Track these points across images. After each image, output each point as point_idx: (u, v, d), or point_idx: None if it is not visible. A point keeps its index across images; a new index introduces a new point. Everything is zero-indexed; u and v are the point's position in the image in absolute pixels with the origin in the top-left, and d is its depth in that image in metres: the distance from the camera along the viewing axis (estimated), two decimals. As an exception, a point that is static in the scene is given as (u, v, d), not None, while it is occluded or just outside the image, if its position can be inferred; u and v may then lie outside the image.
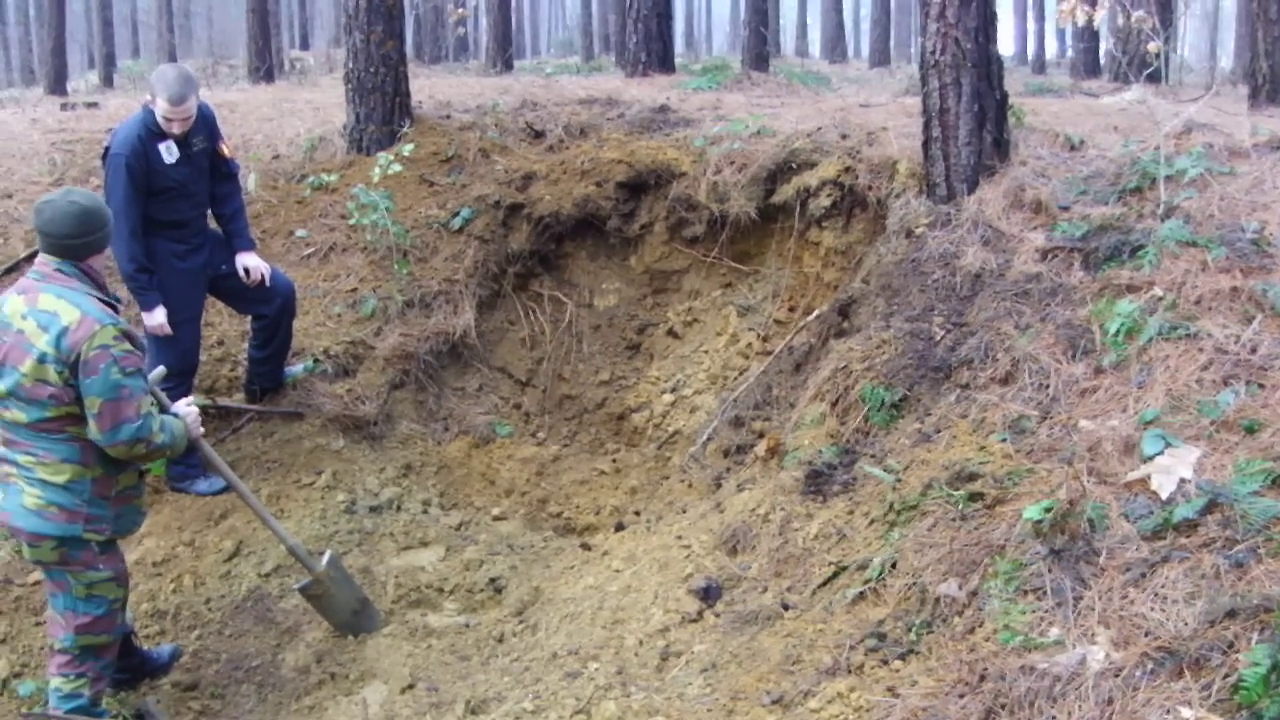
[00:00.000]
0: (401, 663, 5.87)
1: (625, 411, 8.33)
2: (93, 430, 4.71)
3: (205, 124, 6.84)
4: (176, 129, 6.57)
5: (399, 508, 7.23)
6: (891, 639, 4.61)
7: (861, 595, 4.93)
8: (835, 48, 33.75)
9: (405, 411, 7.99)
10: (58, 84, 22.00)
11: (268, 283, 7.17)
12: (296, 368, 7.69)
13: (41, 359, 4.66)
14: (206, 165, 6.93)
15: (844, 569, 5.15)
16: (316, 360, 7.82)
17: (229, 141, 7.28)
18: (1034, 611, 4.27)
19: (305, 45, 36.25)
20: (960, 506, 4.95)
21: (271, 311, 7.23)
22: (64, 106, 13.99)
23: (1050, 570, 4.39)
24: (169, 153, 6.61)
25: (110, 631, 5.16)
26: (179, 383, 6.83)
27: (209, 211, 7.12)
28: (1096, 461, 4.86)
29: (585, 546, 6.88)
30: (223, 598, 6.49)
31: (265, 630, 6.28)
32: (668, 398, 8.16)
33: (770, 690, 4.63)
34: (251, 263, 7.13)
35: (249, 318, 7.43)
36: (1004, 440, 5.26)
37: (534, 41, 52.26)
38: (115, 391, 4.68)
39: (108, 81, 27.08)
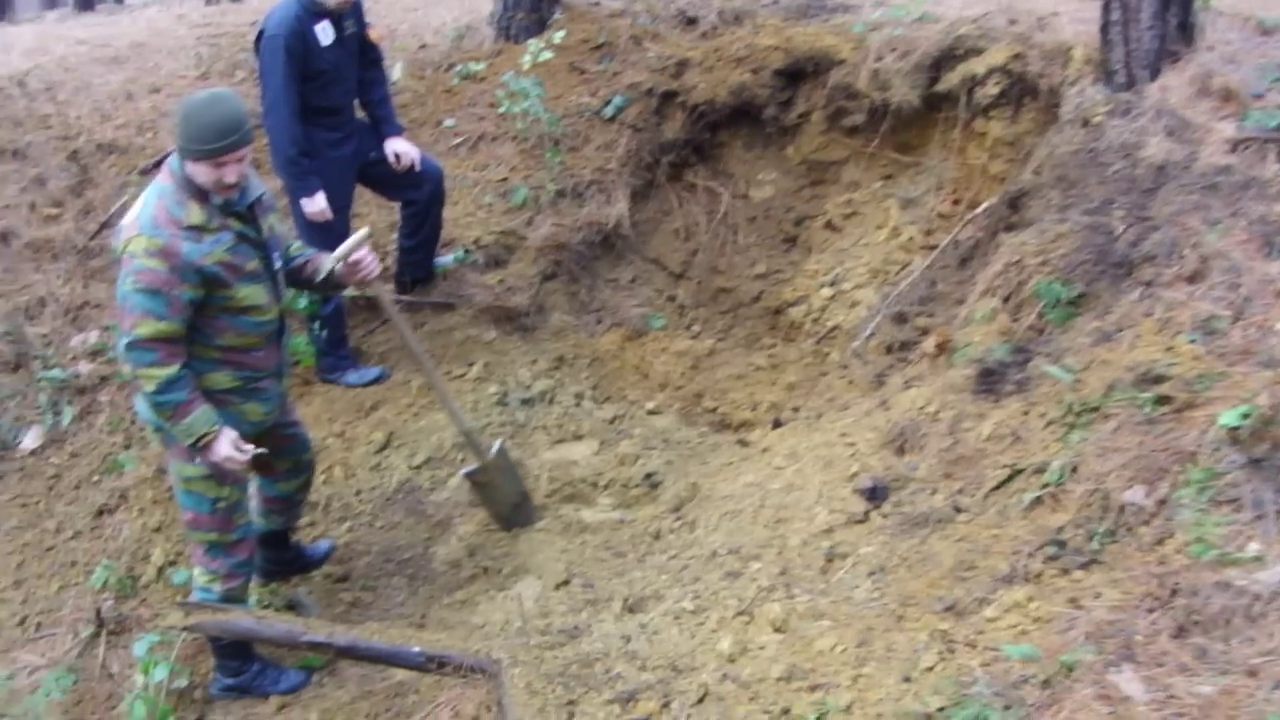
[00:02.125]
0: (555, 558, 5.81)
1: (782, 305, 8.11)
2: None
3: (356, 6, 6.75)
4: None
5: (551, 400, 7.14)
6: (1072, 547, 4.39)
7: (1039, 500, 4.71)
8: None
9: (557, 303, 7.88)
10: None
11: (417, 167, 7.07)
12: (447, 258, 7.60)
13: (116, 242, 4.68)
14: (357, 50, 6.84)
15: (1019, 472, 4.92)
16: (468, 250, 7.73)
17: (374, 28, 7.16)
18: (1230, 524, 4.03)
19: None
20: (1146, 410, 4.68)
21: (422, 197, 7.14)
22: (208, 1, 13.99)
23: (1248, 480, 4.13)
24: (325, 34, 6.51)
25: (221, 531, 5.05)
26: (337, 301, 6.84)
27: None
28: (1298, 366, 4.57)
29: (742, 443, 6.73)
30: (373, 489, 6.48)
31: (416, 523, 6.26)
32: (826, 292, 7.91)
33: (942, 597, 4.46)
34: (401, 147, 7.05)
35: (398, 206, 7.34)
36: (1193, 341, 4.95)
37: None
38: (123, 299, 4.53)
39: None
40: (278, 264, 4.99)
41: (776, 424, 6.89)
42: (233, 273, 4.67)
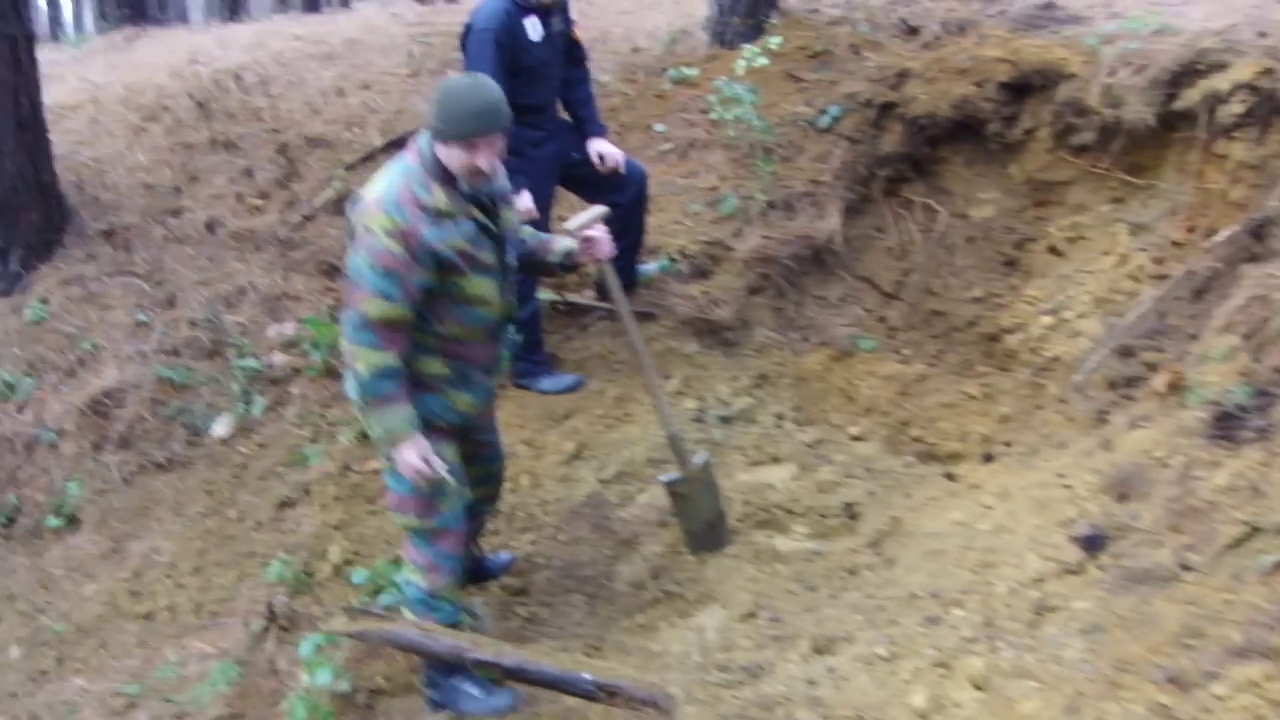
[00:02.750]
0: (743, 587, 5.55)
1: (998, 332, 7.69)
2: None
3: (564, 3, 6.69)
4: None
5: (751, 420, 6.89)
6: (1318, 620, 3.97)
7: (1280, 565, 4.28)
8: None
9: (762, 318, 7.63)
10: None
11: (621, 170, 6.93)
12: (650, 266, 7.41)
13: (351, 214, 4.57)
14: (563, 48, 6.75)
15: (1258, 531, 4.47)
16: (672, 259, 7.55)
17: (579, 26, 7.04)
18: None
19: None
20: None
21: (625, 200, 6.97)
22: (423, 1, 14.16)
23: None
24: (534, 30, 6.43)
25: (421, 515, 4.86)
26: (525, 276, 6.68)
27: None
28: None
29: (950, 476, 6.38)
30: (559, 501, 6.32)
31: (601, 539, 6.07)
32: (1046, 320, 7.48)
33: (1164, 665, 4.07)
34: (605, 148, 6.91)
35: None
36: None
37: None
38: (356, 274, 4.42)
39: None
40: (510, 259, 4.87)
41: (987, 458, 6.52)
42: (468, 262, 4.55)
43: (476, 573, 5.81)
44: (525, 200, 6.48)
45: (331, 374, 7.17)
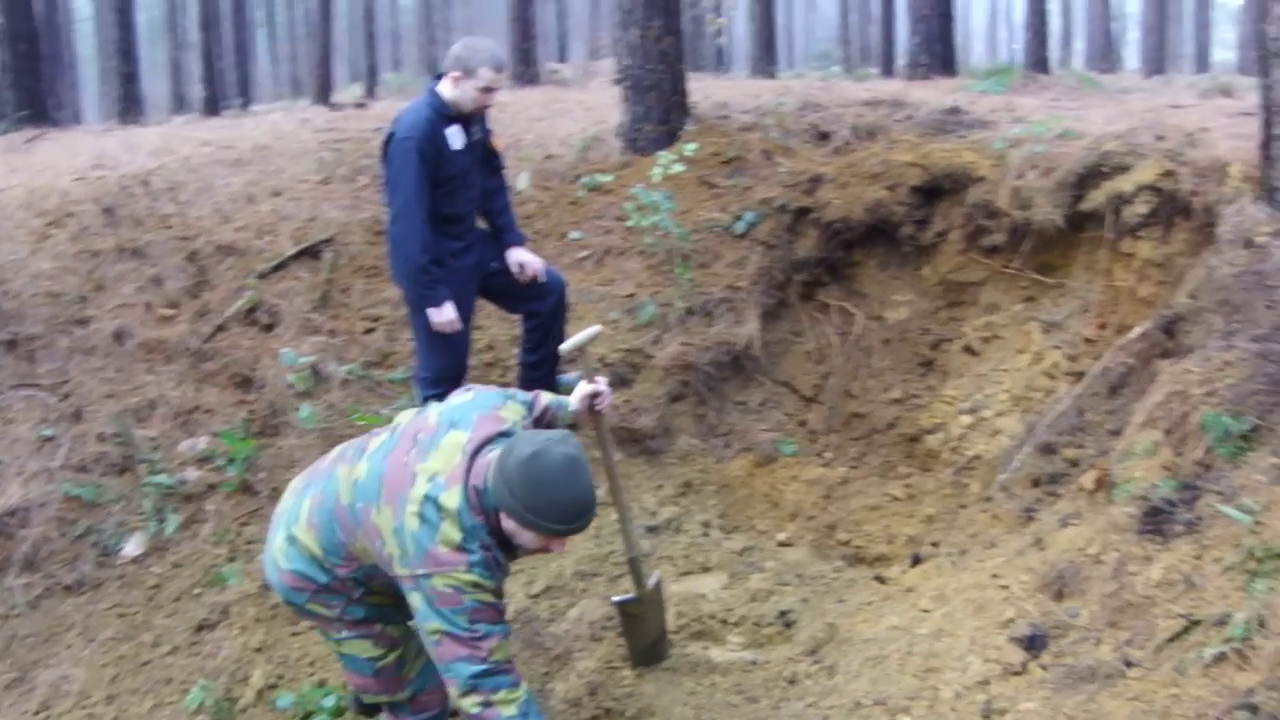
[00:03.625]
0: (683, 701, 5.43)
1: (918, 432, 7.74)
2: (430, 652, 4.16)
3: (482, 114, 6.63)
4: (490, 100, 6.40)
5: (678, 529, 6.82)
6: (1266, 712, 3.95)
7: (1222, 656, 4.27)
8: (1104, 56, 32.31)
9: (684, 425, 7.59)
10: (323, 95, 22.56)
11: (541, 278, 6.86)
12: (571, 375, 7.35)
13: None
14: (482, 157, 6.71)
15: (1197, 623, 4.49)
16: (596, 369, 7.49)
17: (498, 135, 7.03)
18: None
19: (562, 58, 36.52)
20: (1343, 558, 4.27)
21: (544, 309, 6.91)
22: (332, 107, 14.14)
23: None
24: (455, 138, 6.38)
25: (390, 692, 4.63)
26: (448, 389, 6.58)
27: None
28: None
29: (880, 579, 6.35)
30: (489, 620, 6.16)
31: (534, 656, 5.92)
32: (965, 419, 7.55)
33: (1117, 763, 4.05)
34: (525, 257, 6.84)
35: (520, 319, 7.12)
36: (1388, 482, 4.54)
37: (790, 53, 51.76)
38: (458, 629, 3.92)
39: (370, 93, 27.83)
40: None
41: (915, 559, 6.51)
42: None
43: None
44: (447, 312, 6.42)
45: (247, 490, 6.99)
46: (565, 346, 5.21)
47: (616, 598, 5.68)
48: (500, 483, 3.85)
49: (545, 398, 4.76)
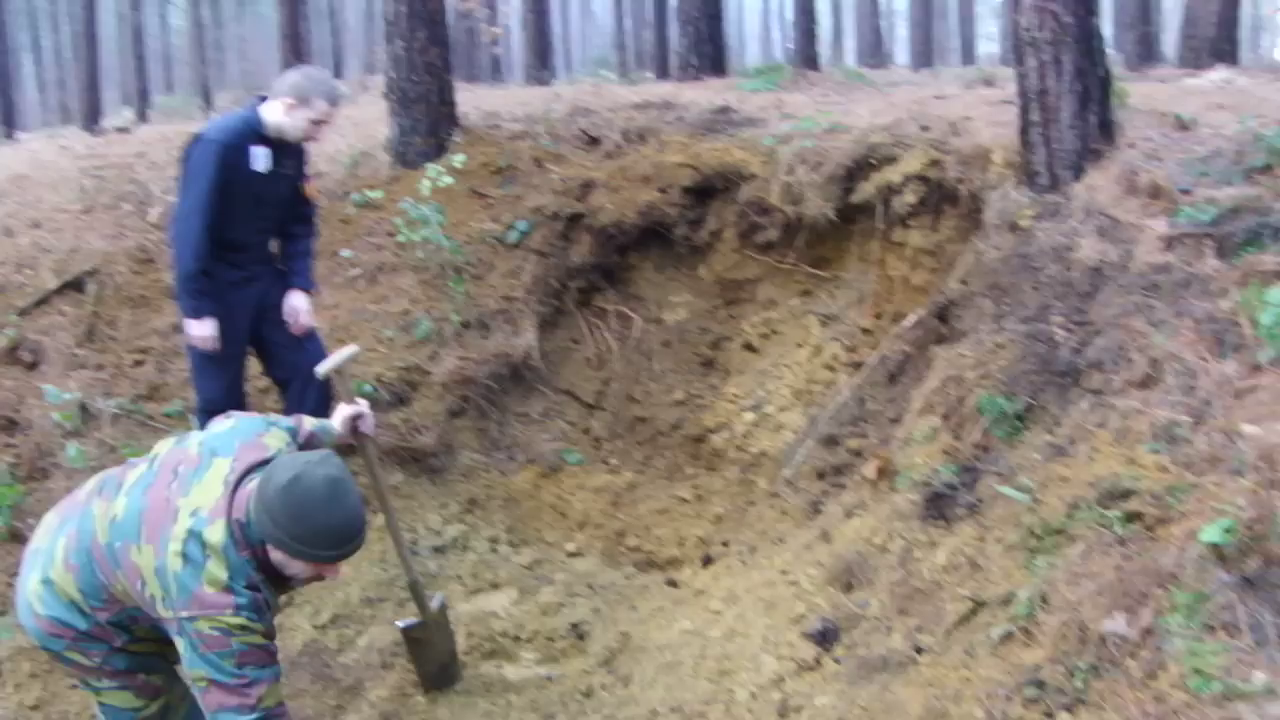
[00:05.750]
0: (478, 722, 5.29)
1: (703, 433, 7.70)
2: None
3: (299, 151, 6.27)
4: (320, 135, 6.11)
5: (465, 547, 6.66)
6: (1053, 687, 3.95)
7: (1009, 635, 4.28)
8: (875, 52, 33.08)
9: (466, 441, 7.42)
10: (92, 119, 21.77)
11: (305, 330, 6.42)
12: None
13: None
14: (288, 195, 6.30)
15: (983, 604, 4.51)
16: (374, 388, 7.26)
17: (312, 183, 6.67)
18: (1229, 651, 3.61)
19: (338, 74, 35.94)
20: (1116, 528, 4.29)
21: (298, 378, 6.41)
22: (93, 133, 13.58)
23: (1242, 602, 3.72)
24: (261, 160, 5.99)
25: None
26: None
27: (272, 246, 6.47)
28: (1276, 472, 4.20)
29: (672, 583, 6.28)
30: (275, 653, 5.91)
31: (324, 689, 5.70)
32: (749, 416, 7.53)
33: (913, 751, 4.01)
34: (301, 305, 6.39)
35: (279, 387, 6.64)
36: (1156, 451, 4.59)
37: (567, 60, 51.89)
38: (224, 676, 3.67)
39: (142, 116, 26.86)
40: None
41: (706, 560, 6.46)
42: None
43: None
44: (207, 327, 6.00)
45: (16, 538, 6.58)
46: (322, 368, 4.91)
47: (401, 623, 5.50)
48: (262, 513, 3.62)
49: (309, 423, 4.53)
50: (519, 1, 27.01)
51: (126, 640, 4.07)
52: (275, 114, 5.99)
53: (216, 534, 3.66)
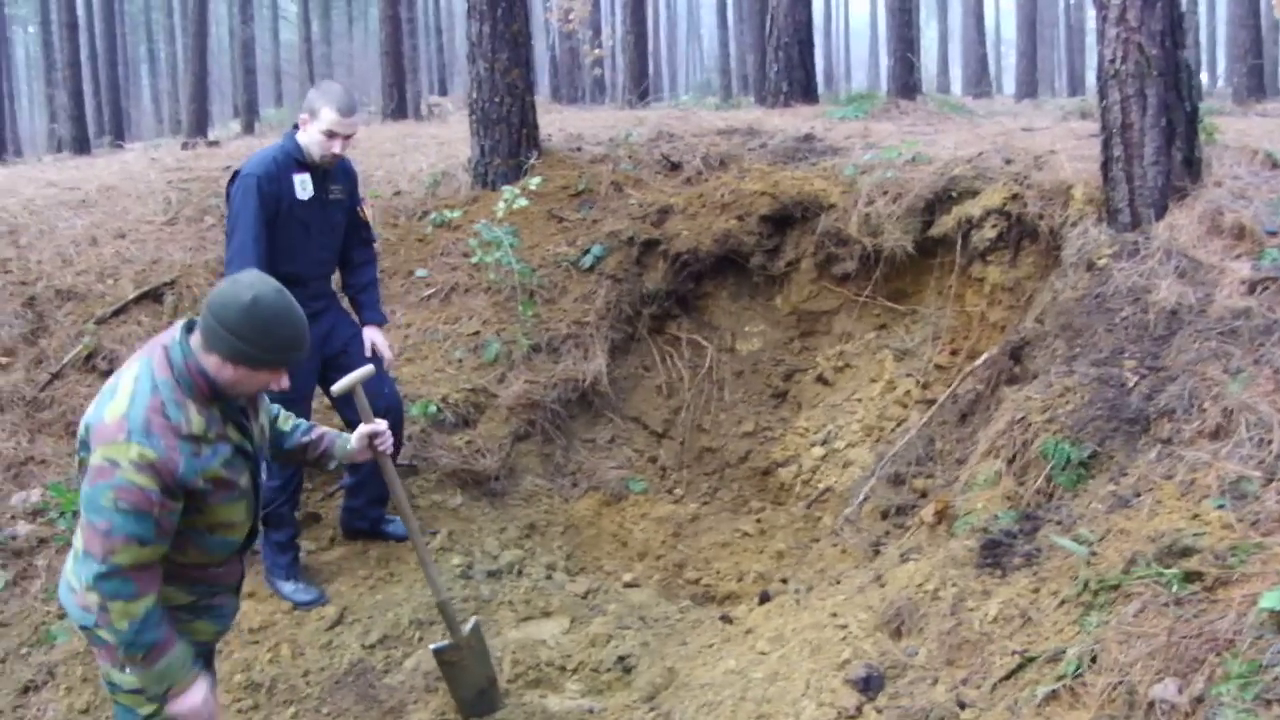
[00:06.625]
0: (517, 755, 5.20)
1: (771, 466, 7.59)
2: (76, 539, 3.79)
3: (347, 176, 6.23)
4: (338, 147, 5.94)
5: (520, 572, 6.58)
6: (1094, 751, 3.80)
7: (1054, 694, 4.11)
8: (979, 81, 32.75)
9: (530, 465, 7.36)
10: (198, 130, 22.07)
11: (386, 363, 6.35)
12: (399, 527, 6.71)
13: (84, 431, 3.79)
14: (342, 221, 6.24)
15: (1031, 660, 4.33)
16: (439, 409, 7.23)
17: (370, 203, 6.62)
18: (1282, 728, 3.44)
19: (444, 91, 36.27)
20: (1174, 588, 4.12)
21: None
22: (184, 146, 13.75)
23: (1300, 675, 3.55)
24: (303, 188, 5.96)
25: None
26: (293, 472, 6.23)
27: (334, 278, 6.43)
28: (1346, 536, 4.02)
29: (726, 619, 6.15)
30: (322, 670, 5.89)
31: (367, 709, 5.66)
32: (817, 451, 7.40)
33: (949, 812, 3.86)
34: (379, 339, 6.35)
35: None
36: (1222, 507, 4.41)
37: (671, 84, 51.95)
38: (95, 514, 3.64)
39: (249, 129, 27.20)
40: (263, 477, 4.20)
41: (764, 598, 6.31)
42: (222, 489, 3.86)
43: None
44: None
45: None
46: (338, 387, 4.86)
47: (434, 646, 5.44)
48: (221, 333, 3.65)
49: (323, 429, 4.55)
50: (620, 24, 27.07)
51: None
52: (304, 135, 5.97)
53: (131, 368, 3.78)
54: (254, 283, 3.71)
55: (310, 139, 5.94)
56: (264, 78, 45.36)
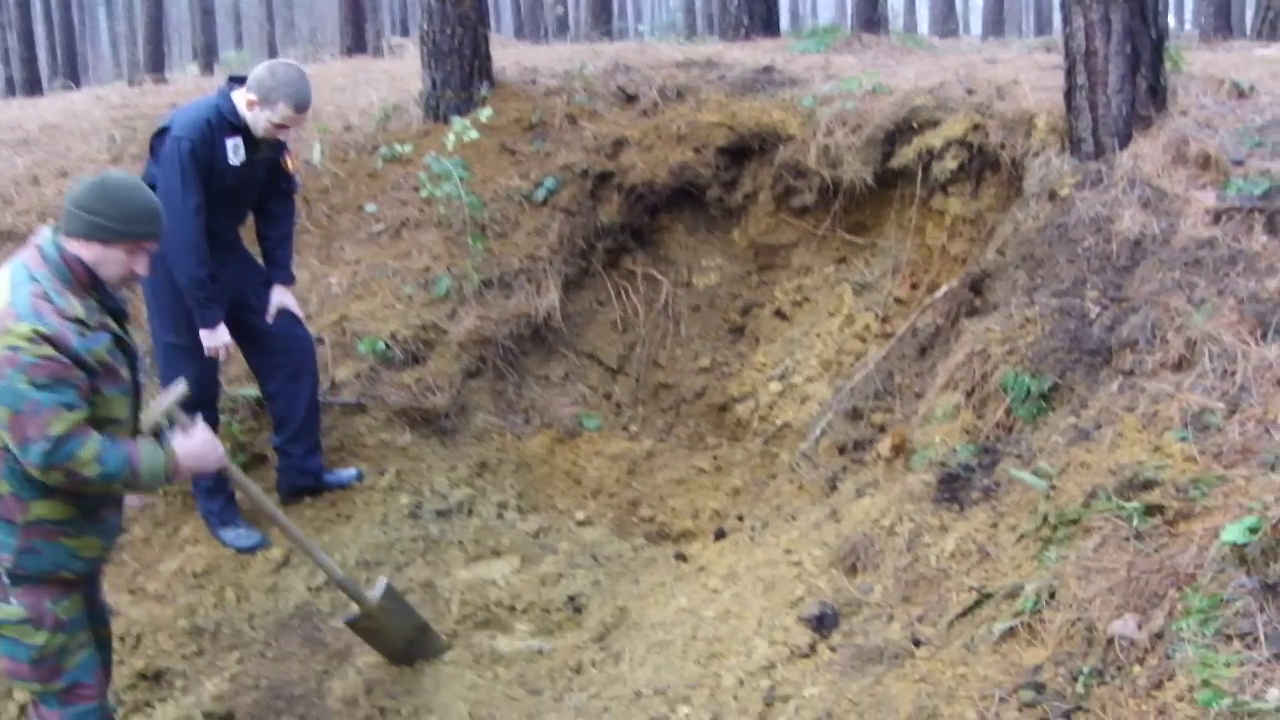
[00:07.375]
0: (462, 695, 5.10)
1: (727, 402, 7.45)
2: (5, 440, 3.82)
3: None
4: (284, 136, 5.80)
5: (470, 512, 6.44)
6: (1052, 690, 3.66)
7: (1011, 631, 3.99)
8: (946, 20, 32.47)
9: (481, 403, 7.19)
10: (154, 72, 21.61)
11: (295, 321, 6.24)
12: (349, 473, 6.57)
13: None
14: (264, 176, 6.02)
15: (988, 597, 4.22)
16: (387, 346, 7.05)
17: (294, 152, 6.40)
18: (1243, 663, 3.30)
19: (405, 32, 35.78)
20: (1134, 522, 4.00)
21: (285, 366, 6.22)
22: (130, 83, 13.46)
23: (1261, 609, 3.41)
24: (235, 152, 5.70)
25: (45, 681, 4.13)
26: (198, 415, 6.03)
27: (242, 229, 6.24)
28: (1311, 468, 3.90)
29: (680, 557, 6.03)
30: (267, 614, 5.76)
31: (312, 653, 5.53)
32: (775, 386, 7.27)
33: (899, 752, 3.75)
34: (287, 302, 6.22)
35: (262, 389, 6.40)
36: (1184, 439, 4.29)
37: (635, 23, 51.44)
38: (16, 405, 3.70)
39: (208, 70, 26.72)
40: (141, 375, 4.24)
41: (720, 534, 6.20)
42: (108, 376, 3.93)
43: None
44: (221, 335, 5.79)
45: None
46: (148, 421, 4.34)
47: (345, 618, 5.28)
48: (78, 214, 3.89)
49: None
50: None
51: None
52: (242, 106, 5.71)
53: (4, 272, 3.91)
54: (105, 172, 4.06)
55: (256, 120, 5.68)
56: (223, 19, 44.63)
